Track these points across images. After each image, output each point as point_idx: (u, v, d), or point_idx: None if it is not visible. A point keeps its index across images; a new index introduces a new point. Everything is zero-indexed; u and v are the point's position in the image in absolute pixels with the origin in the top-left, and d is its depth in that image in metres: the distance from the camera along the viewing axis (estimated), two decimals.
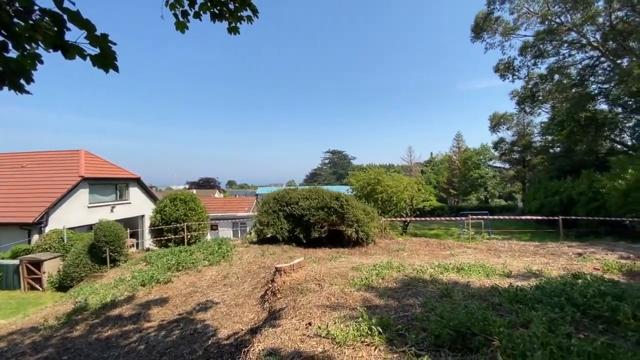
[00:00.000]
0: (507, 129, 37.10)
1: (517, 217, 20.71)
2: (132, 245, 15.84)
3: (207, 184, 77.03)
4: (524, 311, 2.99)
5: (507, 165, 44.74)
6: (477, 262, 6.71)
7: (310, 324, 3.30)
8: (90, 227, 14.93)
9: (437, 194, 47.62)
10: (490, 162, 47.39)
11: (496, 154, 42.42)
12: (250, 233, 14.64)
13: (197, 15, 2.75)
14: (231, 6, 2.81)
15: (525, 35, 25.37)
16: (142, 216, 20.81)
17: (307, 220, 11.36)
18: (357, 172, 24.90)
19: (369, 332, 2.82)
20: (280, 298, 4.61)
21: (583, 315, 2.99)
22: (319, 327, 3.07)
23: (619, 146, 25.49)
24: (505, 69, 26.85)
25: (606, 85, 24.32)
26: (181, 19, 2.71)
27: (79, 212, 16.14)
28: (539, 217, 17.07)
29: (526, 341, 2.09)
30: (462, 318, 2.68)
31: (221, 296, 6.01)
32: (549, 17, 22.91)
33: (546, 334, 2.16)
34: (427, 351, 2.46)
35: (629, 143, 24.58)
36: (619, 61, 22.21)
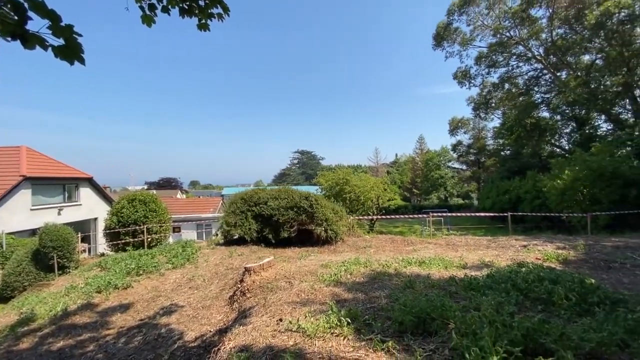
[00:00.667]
0: (465, 132, 39.82)
1: (473, 214, 22.35)
2: (84, 251, 14.63)
3: (167, 184, 73.05)
4: (476, 297, 3.31)
5: (464, 167, 48.06)
6: (437, 256, 7.18)
7: (281, 320, 3.35)
8: (33, 232, 13.53)
9: (402, 193, 49.75)
10: (450, 164, 50.52)
11: (455, 155, 45.38)
12: (217, 234, 14.23)
13: (165, 10, 2.68)
14: (201, 2, 2.78)
15: (480, 46, 27.47)
16: (95, 219, 19.26)
17: (277, 220, 11.31)
18: (326, 172, 25.25)
19: (339, 324, 2.95)
20: (250, 297, 4.60)
21: (525, 298, 3.39)
22: (290, 322, 3.14)
23: (558, 150, 28.53)
24: (462, 77, 28.81)
25: (548, 95, 27.14)
26: (148, 12, 2.62)
27: (21, 215, 14.56)
28: (492, 214, 18.59)
29: (476, 321, 2.34)
30: (422, 305, 2.90)
31: (187, 299, 5.81)
32: (500, 30, 25.01)
33: (493, 313, 2.45)
34: (392, 337, 2.64)
35: (566, 147, 27.61)
36: (558, 74, 24.89)
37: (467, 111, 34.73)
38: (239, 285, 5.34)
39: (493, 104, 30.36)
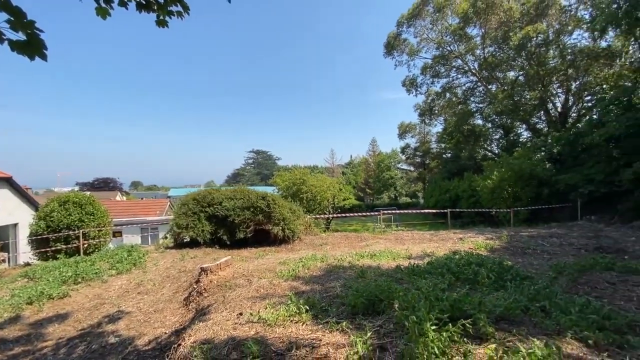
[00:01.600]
0: (412, 136, 42.80)
1: (419, 211, 24.26)
2: (3, 261, 12.72)
3: (105, 185, 65.79)
4: (417, 280, 3.78)
5: (412, 168, 51.65)
6: (387, 249, 7.80)
7: (241, 314, 3.46)
8: None
9: (356, 193, 51.77)
10: (399, 165, 53.89)
11: (403, 157, 48.52)
12: (166, 237, 13.42)
13: (122, 4, 2.62)
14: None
15: (425, 58, 29.87)
16: (16, 225, 16.76)
17: (232, 221, 11.11)
18: (283, 172, 25.24)
19: (297, 312, 3.16)
20: (208, 296, 4.57)
21: (456, 279, 3.96)
22: (251, 314, 3.27)
23: (489, 153, 32.25)
24: (410, 85, 31.03)
25: (481, 105, 30.53)
26: (103, 5, 2.54)
27: None
28: (434, 211, 20.41)
29: (415, 298, 2.75)
30: (372, 290, 3.26)
31: (136, 305, 5.50)
32: (443, 44, 27.51)
33: (428, 291, 2.88)
34: (346, 319, 2.93)
35: (496, 151, 31.34)
36: (490, 86, 28.17)
37: (415, 117, 37.48)
38: (195, 286, 5.24)
39: (436, 111, 33.23)
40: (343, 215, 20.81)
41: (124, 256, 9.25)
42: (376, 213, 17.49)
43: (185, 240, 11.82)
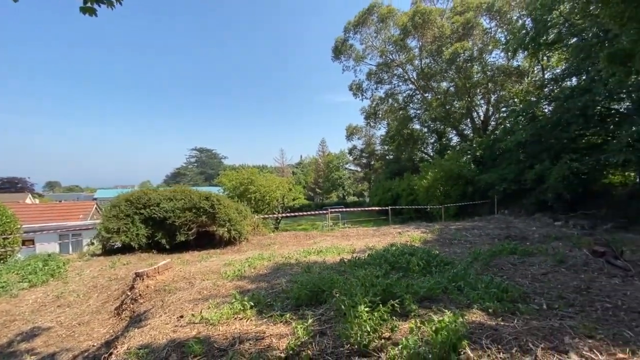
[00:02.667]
0: (358, 138, 44.76)
1: (364, 209, 25.53)
2: None
3: (11, 186, 55.39)
4: (357, 271, 4.07)
5: (358, 169, 54.01)
6: (333, 245, 8.12)
7: (182, 316, 3.33)
8: None
9: (306, 193, 52.21)
10: (347, 166, 55.92)
11: (351, 158, 50.47)
12: (92, 244, 11.96)
13: None
14: None
15: (370, 64, 31.52)
16: None
17: (172, 223, 10.41)
18: (230, 172, 24.31)
19: (242, 309, 3.18)
20: (144, 302, 4.27)
21: (392, 268, 4.36)
22: (193, 316, 3.18)
23: (426, 155, 35.39)
24: (356, 89, 32.46)
25: (419, 111, 33.31)
26: None
27: None
28: (378, 208, 21.73)
29: (353, 285, 2.99)
30: (315, 282, 3.43)
31: (56, 319, 4.85)
32: (386, 53, 29.34)
33: (365, 278, 3.16)
34: (290, 311, 3.05)
35: (431, 154, 34.51)
36: (426, 95, 30.90)
37: (361, 119, 39.30)
38: (129, 293, 4.83)
39: (380, 115, 35.31)
40: (293, 214, 20.90)
41: (38, 266, 8.03)
42: (325, 212, 18.00)
43: (116, 247, 10.71)
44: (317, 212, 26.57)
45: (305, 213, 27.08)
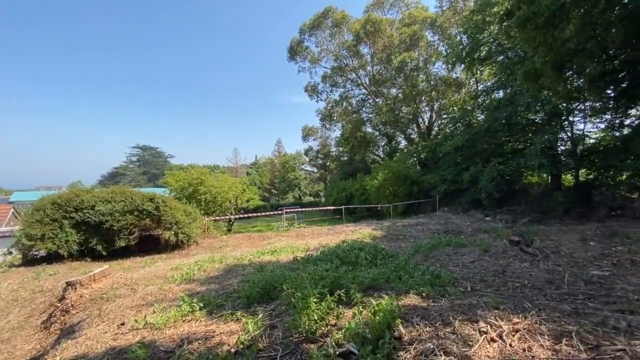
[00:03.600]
0: (314, 139, 45.30)
1: (320, 209, 25.98)
2: None
3: None
4: (309, 267, 4.21)
5: (315, 169, 54.63)
6: (287, 245, 8.19)
7: (123, 323, 3.14)
8: None
9: (261, 194, 51.26)
10: (303, 166, 56.19)
11: (307, 159, 50.85)
12: (10, 253, 10.35)
13: None
14: None
15: (325, 67, 32.18)
16: None
17: (110, 228, 9.51)
18: (177, 172, 22.82)
19: (191, 311, 3.10)
20: (78, 313, 3.88)
21: (342, 263, 4.59)
22: (136, 322, 3.02)
23: (377, 157, 37.19)
24: (312, 91, 32.89)
25: (371, 115, 34.90)
26: None
27: None
28: (333, 208, 22.29)
29: (303, 279, 3.12)
30: (267, 279, 3.49)
31: None
32: (340, 57, 30.24)
33: (315, 272, 3.31)
34: (242, 309, 3.07)
35: (382, 156, 36.38)
36: (377, 100, 32.50)
37: (317, 121, 39.88)
38: (59, 305, 4.33)
39: (335, 118, 36.22)
40: (247, 216, 20.40)
41: None
42: (280, 212, 17.92)
43: (40, 255, 9.44)
44: (272, 212, 26.28)
45: (260, 214, 26.60)
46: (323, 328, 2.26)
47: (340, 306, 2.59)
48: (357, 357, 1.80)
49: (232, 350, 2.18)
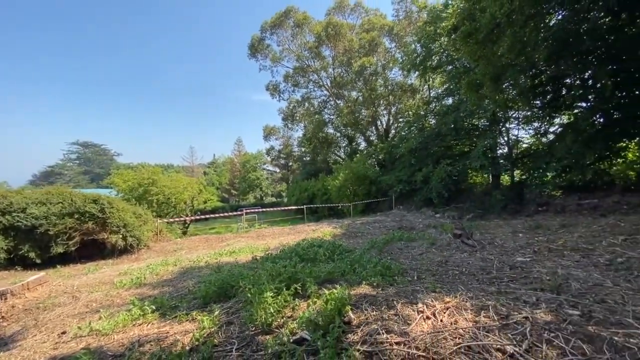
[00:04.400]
0: (276, 139, 44.85)
1: (281, 209, 25.84)
2: None
3: None
4: (268, 265, 4.26)
5: (277, 169, 54.07)
6: (247, 245, 8.11)
7: (64, 332, 2.92)
8: None
9: (220, 194, 49.40)
10: (265, 166, 55.27)
11: (269, 159, 50.14)
12: None
13: None
14: None
15: (287, 67, 32.08)
16: None
17: (45, 232, 8.58)
18: (125, 171, 21.10)
19: (142, 314, 2.99)
20: (10, 325, 3.47)
21: (301, 260, 4.70)
22: (79, 329, 2.83)
23: (339, 158, 37.99)
24: (273, 90, 32.59)
25: (332, 117, 35.58)
26: None
27: None
28: (295, 207, 22.34)
29: (261, 276, 3.18)
30: (225, 279, 3.48)
31: None
32: (302, 58, 30.37)
33: (272, 269, 3.39)
34: (198, 309, 3.03)
35: (343, 156, 37.26)
36: (338, 102, 33.22)
37: (279, 120, 39.58)
38: None
39: (297, 118, 36.29)
40: (204, 217, 19.59)
41: None
42: (240, 213, 17.52)
43: None
44: (232, 213, 25.54)
45: (218, 215, 25.66)
46: (279, 320, 2.36)
47: (296, 299, 2.70)
48: (310, 342, 1.93)
49: (187, 347, 2.18)
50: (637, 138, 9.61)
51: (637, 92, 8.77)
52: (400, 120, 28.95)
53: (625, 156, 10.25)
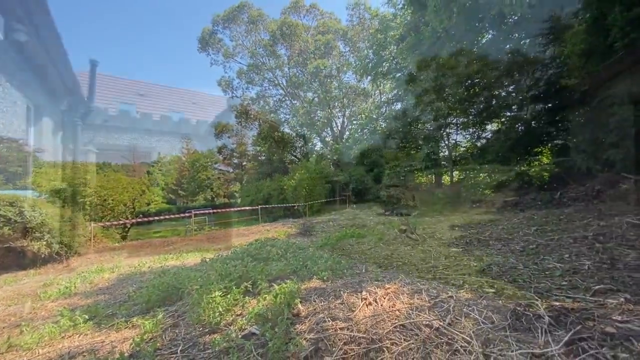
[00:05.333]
0: (229, 137, 43.21)
1: (235, 209, 24.99)
2: None
3: None
4: (218, 265, 4.15)
5: (229, 169, 52.04)
6: (196, 248, 7.74)
7: None
8: None
9: (166, 195, 45.91)
10: (216, 165, 52.83)
11: (220, 158, 48.05)
12: None
13: None
14: None
15: (241, 63, 31.18)
16: None
17: None
18: (50, 169, 18.54)
19: (73, 325, 2.73)
20: None
21: (254, 259, 4.66)
22: None
23: (295, 158, 37.99)
24: (226, 86, 31.45)
25: (288, 116, 35.47)
26: None
27: None
28: (249, 208, 21.82)
29: (210, 277, 3.11)
30: (169, 282, 3.32)
31: None
32: (256, 55, 29.77)
33: (221, 269, 3.33)
34: (139, 315, 2.85)
35: (299, 156, 37.37)
36: (294, 102, 33.23)
37: (232, 117, 38.16)
38: None
39: (252, 116, 35.45)
40: (147, 220, 18.13)
41: None
42: (188, 215, 16.56)
43: None
44: (179, 215, 23.99)
45: (164, 217, 23.93)
46: (228, 318, 2.34)
47: (247, 297, 2.70)
48: (259, 335, 1.96)
49: (126, 354, 2.06)
50: (549, 144, 11.29)
51: (549, 105, 10.33)
52: (354, 122, 29.99)
53: (540, 160, 11.98)
